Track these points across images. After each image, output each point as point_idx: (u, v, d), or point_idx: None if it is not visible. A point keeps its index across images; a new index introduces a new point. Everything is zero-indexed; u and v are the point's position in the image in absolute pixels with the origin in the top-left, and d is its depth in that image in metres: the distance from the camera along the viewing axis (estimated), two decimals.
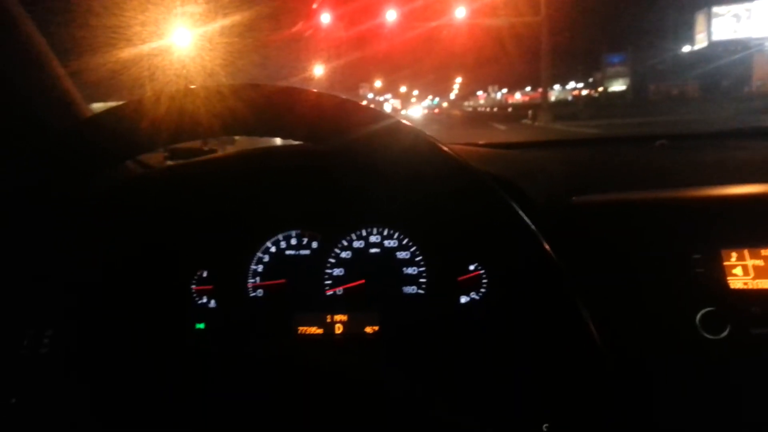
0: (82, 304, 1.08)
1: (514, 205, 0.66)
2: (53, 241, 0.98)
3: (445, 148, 0.66)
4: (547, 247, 0.66)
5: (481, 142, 1.73)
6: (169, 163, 1.37)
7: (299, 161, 1.16)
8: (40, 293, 1.03)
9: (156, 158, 1.42)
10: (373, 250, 1.18)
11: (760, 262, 0.95)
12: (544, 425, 0.77)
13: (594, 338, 0.65)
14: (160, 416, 0.97)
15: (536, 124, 21.34)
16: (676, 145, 1.54)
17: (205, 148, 1.48)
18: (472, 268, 1.14)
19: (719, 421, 0.89)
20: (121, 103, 0.66)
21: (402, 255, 1.17)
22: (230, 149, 1.51)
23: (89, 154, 0.67)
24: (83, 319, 1.07)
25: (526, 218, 0.66)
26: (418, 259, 1.16)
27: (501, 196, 0.66)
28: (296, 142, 1.23)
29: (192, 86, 0.65)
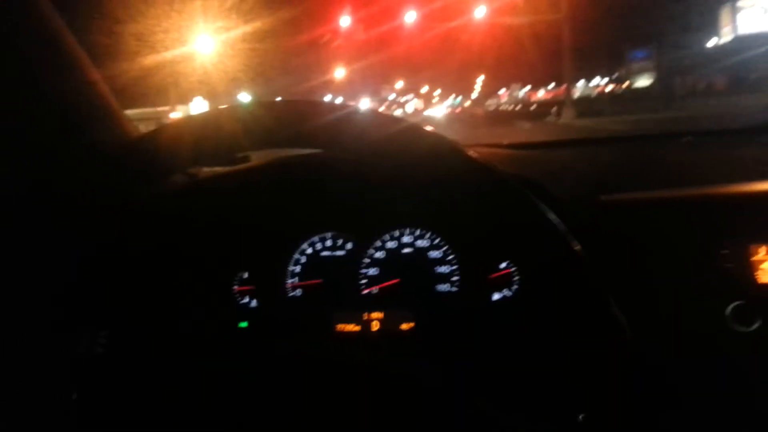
0: (134, 307, 1.13)
1: (539, 204, 0.69)
2: (107, 245, 1.04)
3: (466, 151, 0.69)
4: (573, 244, 0.69)
5: (505, 143, 1.75)
6: (206, 170, 1.42)
7: (330, 167, 1.21)
8: (95, 295, 1.09)
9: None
10: (406, 250, 1.22)
11: None
12: (580, 415, 0.80)
13: (625, 332, 0.68)
14: (206, 412, 1.02)
15: (560, 121, 21.15)
16: (703, 141, 1.55)
17: (240, 156, 1.54)
18: (503, 266, 1.17)
19: (747, 413, 0.91)
20: (164, 124, 0.72)
21: (434, 254, 1.20)
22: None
23: (135, 171, 0.72)
24: (136, 321, 1.12)
25: (551, 216, 0.69)
26: (449, 258, 1.19)
27: (525, 195, 0.69)
28: (323, 152, 1.27)
29: (225, 106, 0.70)
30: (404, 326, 1.16)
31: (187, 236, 1.18)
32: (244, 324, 1.21)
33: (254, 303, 1.24)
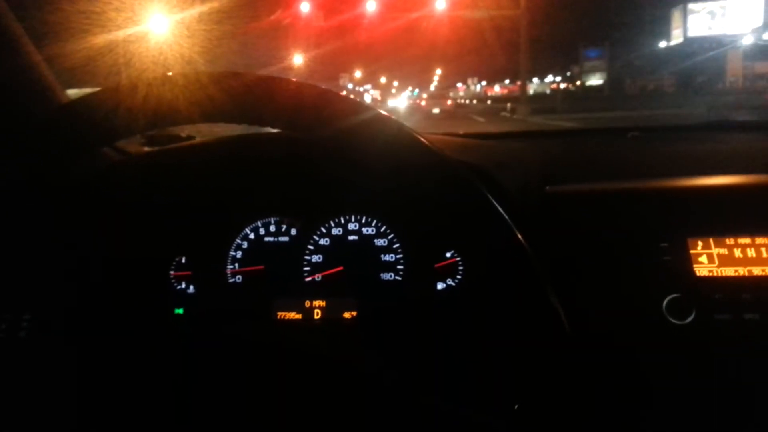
0: (61, 289, 1.08)
1: (488, 195, 0.68)
2: (31, 227, 0.98)
3: (423, 140, 0.68)
4: (518, 234, 0.68)
5: (460, 132, 1.75)
6: (147, 149, 1.36)
7: (278, 149, 1.17)
8: (18, 278, 1.03)
9: (133, 145, 1.42)
10: (351, 238, 1.19)
11: (724, 251, 0.98)
12: (515, 405, 0.79)
13: (562, 323, 0.68)
14: (139, 400, 0.98)
15: (514, 117, 21.49)
16: (648, 136, 1.57)
17: (184, 135, 1.48)
18: (448, 255, 1.16)
19: (682, 403, 0.93)
20: (98, 89, 0.67)
21: (380, 242, 1.19)
22: (208, 136, 1.51)
23: (66, 140, 0.67)
24: (61, 304, 1.07)
25: (499, 207, 0.68)
26: (395, 246, 1.18)
27: (476, 186, 0.68)
28: (275, 131, 1.24)
29: (170, 73, 0.66)
30: (347, 315, 1.14)
31: (119, 216, 1.12)
32: (179, 310, 1.17)
33: (191, 289, 1.20)
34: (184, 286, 1.20)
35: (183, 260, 1.20)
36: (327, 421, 0.92)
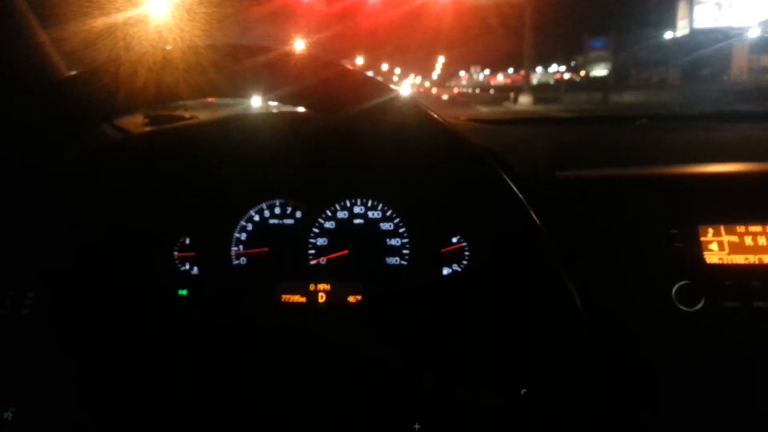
0: (64, 268, 1.07)
1: (506, 177, 0.68)
2: (33, 204, 0.97)
3: (440, 119, 0.67)
4: (534, 217, 0.67)
5: (463, 118, 1.73)
6: (149, 129, 1.35)
7: (284, 129, 1.16)
8: (21, 255, 1.02)
9: (136, 125, 1.40)
10: (357, 221, 1.18)
11: (735, 239, 0.97)
12: (523, 390, 0.79)
13: (578, 307, 0.67)
14: (142, 380, 0.98)
15: (517, 107, 21.37)
16: (657, 125, 1.56)
17: (187, 116, 1.47)
18: (454, 240, 1.15)
19: (690, 389, 0.92)
20: (98, 65, 0.65)
21: (385, 226, 1.17)
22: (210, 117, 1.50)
23: (65, 116, 0.66)
24: (65, 282, 1.06)
25: (516, 189, 0.67)
26: (401, 230, 1.17)
27: (494, 167, 0.67)
28: (280, 109, 1.22)
29: (169, 48, 0.65)
30: (351, 299, 1.13)
31: (121, 194, 1.11)
32: (183, 292, 1.16)
33: (195, 270, 1.19)
34: (188, 267, 1.19)
35: (187, 241, 1.19)
36: (330, 402, 0.91)
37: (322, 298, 1.14)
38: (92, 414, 0.93)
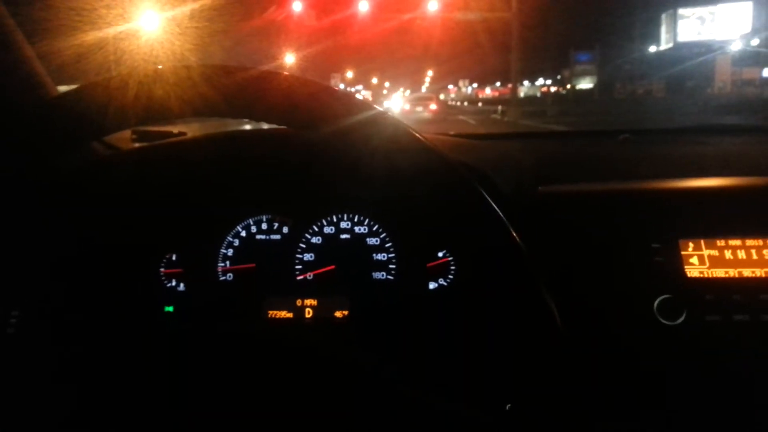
0: (49, 285, 1.06)
1: (485, 194, 0.69)
2: (18, 221, 0.97)
3: (422, 138, 0.68)
4: (514, 234, 0.68)
5: (451, 133, 1.75)
6: (137, 145, 1.35)
7: (270, 146, 1.16)
8: (6, 274, 1.02)
9: (124, 141, 1.40)
10: (343, 236, 1.19)
11: (715, 252, 0.99)
12: (507, 405, 0.79)
13: (556, 322, 0.68)
14: (128, 397, 0.97)
15: (505, 119, 21.52)
16: (639, 139, 1.58)
17: (175, 132, 1.47)
18: (440, 255, 1.16)
19: (672, 403, 0.93)
20: (88, 82, 0.66)
21: (372, 241, 1.18)
22: (199, 133, 1.50)
23: (54, 134, 0.66)
24: (50, 301, 1.05)
25: (495, 207, 0.68)
26: (387, 245, 1.17)
27: (473, 185, 0.68)
28: (268, 126, 1.23)
29: (160, 66, 0.65)
30: (338, 314, 1.13)
31: (108, 211, 1.11)
32: (169, 308, 1.16)
33: (182, 287, 1.19)
34: (174, 283, 1.19)
35: (174, 257, 1.19)
36: (317, 416, 0.91)
37: (308, 313, 1.14)
38: (78, 428, 0.92)
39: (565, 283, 0.97)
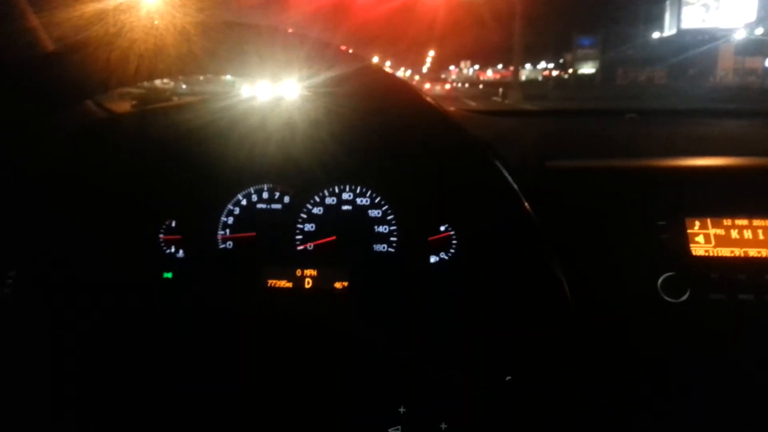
0: (45, 247, 1.05)
1: (499, 165, 0.67)
2: (16, 182, 0.96)
3: (437, 105, 0.66)
4: (527, 205, 0.67)
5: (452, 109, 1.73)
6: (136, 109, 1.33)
7: (273, 113, 1.14)
8: (2, 234, 1.00)
9: (123, 106, 1.38)
10: (345, 207, 1.17)
11: (721, 231, 0.98)
12: (507, 377, 0.79)
13: (566, 295, 0.67)
14: (124, 361, 0.97)
15: (506, 102, 21.43)
16: (646, 119, 1.57)
17: (175, 99, 1.45)
18: (442, 228, 1.15)
19: (674, 381, 0.93)
20: (85, 36, 0.64)
21: (374, 213, 1.17)
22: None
23: (52, 88, 0.65)
24: (47, 263, 1.04)
25: (509, 177, 0.67)
26: (389, 218, 1.16)
27: (488, 155, 0.67)
28: (272, 94, 1.21)
29: (156, 22, 0.64)
30: (338, 285, 1.12)
31: (108, 175, 1.10)
32: (168, 275, 1.15)
33: (181, 253, 1.17)
34: (173, 250, 1.18)
35: (173, 224, 1.18)
36: (316, 385, 0.91)
37: (308, 283, 1.13)
38: (74, 395, 0.92)
39: (569, 259, 0.97)
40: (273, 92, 1.16)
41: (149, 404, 0.93)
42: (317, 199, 1.18)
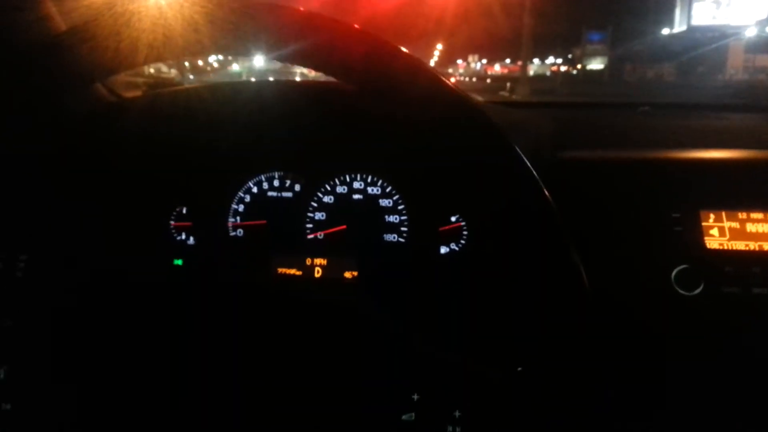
0: (58, 232, 1.05)
1: (519, 151, 0.66)
2: (26, 166, 0.95)
3: (454, 87, 0.65)
4: (546, 193, 0.66)
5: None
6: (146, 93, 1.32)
7: (285, 99, 1.14)
8: (14, 217, 1.00)
9: (134, 91, 1.38)
10: (356, 197, 1.17)
11: (736, 225, 0.97)
12: (519, 368, 0.78)
13: (585, 285, 0.66)
14: (135, 348, 0.97)
15: (514, 96, 21.33)
16: (658, 112, 1.56)
17: (186, 84, 1.44)
18: (453, 219, 1.14)
19: (687, 374, 0.93)
20: (95, 17, 0.63)
21: (384, 203, 1.16)
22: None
23: (64, 69, 0.64)
24: (58, 247, 1.04)
25: (529, 165, 0.66)
26: (400, 207, 1.16)
27: (509, 141, 0.66)
28: (282, 80, 1.19)
29: (164, 2, 0.63)
30: (348, 274, 1.12)
31: (118, 160, 1.09)
32: (179, 261, 1.15)
33: (191, 240, 1.17)
34: (184, 237, 1.17)
35: (184, 210, 1.18)
36: (326, 373, 0.91)
37: (318, 272, 1.13)
38: (84, 381, 0.92)
39: (582, 250, 0.96)
40: (284, 80, 1.15)
41: (158, 392, 0.92)
42: (328, 187, 1.17)
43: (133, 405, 0.92)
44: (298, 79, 1.09)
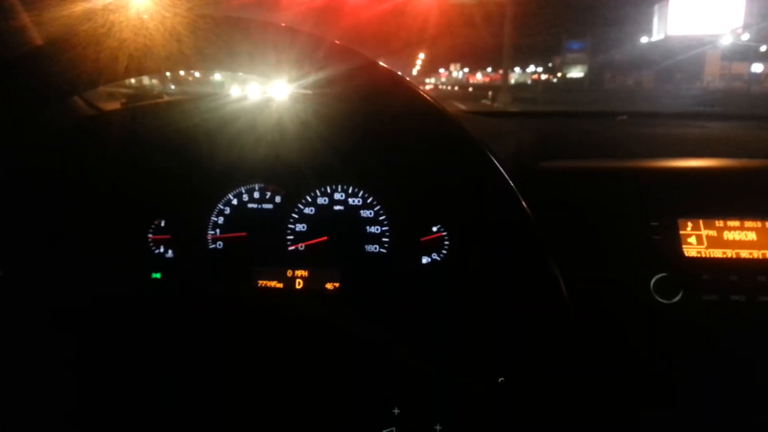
0: (33, 247, 1.03)
1: (496, 162, 0.67)
2: (3, 178, 0.94)
3: (435, 102, 0.65)
4: (524, 204, 0.67)
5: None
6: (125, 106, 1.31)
7: (264, 112, 1.13)
8: None
9: (113, 104, 1.37)
10: (337, 208, 1.17)
11: (713, 233, 0.98)
12: (500, 379, 0.78)
13: (563, 296, 0.66)
14: (113, 361, 0.95)
15: (495, 105, 21.49)
16: (636, 121, 1.57)
17: (166, 96, 1.44)
18: (434, 229, 1.14)
19: (668, 381, 0.93)
20: (75, 30, 0.63)
21: (366, 213, 1.16)
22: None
23: (40, 84, 0.63)
24: (34, 263, 1.03)
25: (506, 176, 0.66)
26: (381, 218, 1.16)
27: (486, 153, 0.66)
28: (263, 94, 1.19)
29: (146, 17, 0.63)
30: (329, 285, 1.11)
31: (96, 173, 1.08)
32: (157, 275, 1.13)
33: (170, 253, 1.16)
34: (162, 250, 1.16)
35: (162, 223, 1.16)
36: (307, 386, 0.90)
37: (299, 284, 1.12)
38: (67, 391, 0.91)
39: (561, 259, 0.96)
40: (264, 92, 1.15)
41: (140, 404, 0.91)
42: (309, 199, 1.17)
43: (112, 419, 0.90)
44: (275, 88, 1.09)
